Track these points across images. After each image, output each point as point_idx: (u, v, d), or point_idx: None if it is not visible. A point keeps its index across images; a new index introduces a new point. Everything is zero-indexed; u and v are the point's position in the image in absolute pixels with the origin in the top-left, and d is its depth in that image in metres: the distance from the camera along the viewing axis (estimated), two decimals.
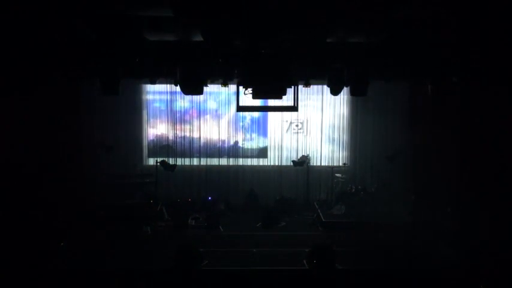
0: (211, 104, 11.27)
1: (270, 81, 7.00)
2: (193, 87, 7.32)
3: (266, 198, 10.72)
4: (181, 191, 10.81)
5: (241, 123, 11.35)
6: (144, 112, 11.23)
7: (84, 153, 10.10)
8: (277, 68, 6.94)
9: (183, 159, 11.27)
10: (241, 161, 11.42)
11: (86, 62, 7.26)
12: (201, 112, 11.22)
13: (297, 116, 11.14)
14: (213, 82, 8.31)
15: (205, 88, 7.59)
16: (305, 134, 11.32)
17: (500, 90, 7.49)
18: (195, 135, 11.25)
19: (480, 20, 5.57)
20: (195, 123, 11.23)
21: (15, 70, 7.05)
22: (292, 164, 10.70)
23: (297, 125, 11.30)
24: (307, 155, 10.99)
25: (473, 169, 8.58)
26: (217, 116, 11.28)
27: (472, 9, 5.09)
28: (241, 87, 7.44)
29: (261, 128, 11.38)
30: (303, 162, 10.62)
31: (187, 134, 11.28)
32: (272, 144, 11.36)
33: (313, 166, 10.95)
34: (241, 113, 10.86)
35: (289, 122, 11.29)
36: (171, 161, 10.71)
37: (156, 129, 11.31)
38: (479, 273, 5.87)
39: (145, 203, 9.55)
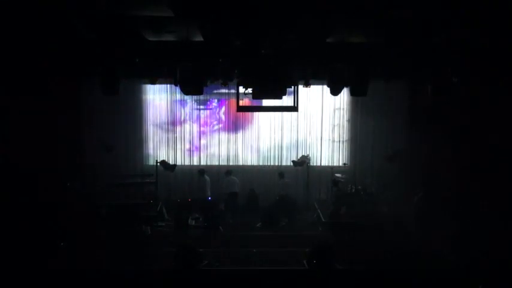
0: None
1: (270, 81, 6.99)
2: (193, 87, 7.32)
3: (266, 198, 10.71)
4: (181, 191, 10.81)
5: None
6: (144, 112, 11.23)
7: (84, 153, 10.11)
8: (277, 68, 6.94)
9: (183, 159, 11.28)
10: (241, 161, 11.43)
11: (86, 62, 7.27)
12: (200, 112, 11.25)
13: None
14: (213, 82, 8.31)
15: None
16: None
17: (500, 90, 7.49)
18: (195, 135, 11.28)
19: (480, 20, 5.58)
20: (195, 122, 11.26)
21: (16, 71, 7.05)
22: (292, 164, 10.69)
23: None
24: (307, 155, 10.98)
25: (473, 169, 8.58)
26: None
27: (472, 9, 5.09)
28: (241, 87, 7.44)
29: None
30: (303, 162, 10.61)
31: (188, 134, 11.31)
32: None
33: (313, 166, 10.94)
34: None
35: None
36: (171, 160, 10.74)
37: (156, 129, 11.32)
38: (478, 274, 5.87)
39: (145, 203, 9.55)
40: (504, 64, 6.91)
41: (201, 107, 11.29)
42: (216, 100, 11.32)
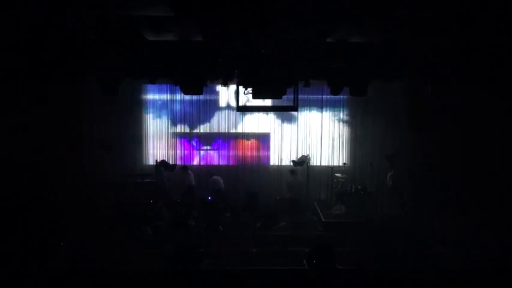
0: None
1: (270, 81, 6.99)
2: (193, 87, 7.33)
3: (266, 198, 10.70)
4: (181, 191, 10.80)
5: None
6: (144, 112, 11.23)
7: (84, 153, 10.10)
8: (277, 68, 6.94)
9: (183, 159, 11.28)
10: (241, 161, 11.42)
11: (86, 62, 7.27)
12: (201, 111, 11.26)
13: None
14: (213, 82, 8.31)
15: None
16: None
17: (499, 90, 7.50)
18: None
19: (480, 21, 5.58)
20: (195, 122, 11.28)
21: (16, 72, 7.05)
22: (292, 164, 10.69)
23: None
24: (307, 155, 10.98)
25: (472, 169, 8.58)
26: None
27: (472, 9, 5.10)
28: (241, 87, 7.44)
29: None
30: (302, 162, 10.61)
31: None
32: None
33: (313, 166, 10.94)
34: None
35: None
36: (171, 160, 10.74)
37: (156, 128, 11.33)
38: (478, 273, 5.88)
39: (145, 203, 9.54)
40: (504, 64, 6.92)
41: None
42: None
